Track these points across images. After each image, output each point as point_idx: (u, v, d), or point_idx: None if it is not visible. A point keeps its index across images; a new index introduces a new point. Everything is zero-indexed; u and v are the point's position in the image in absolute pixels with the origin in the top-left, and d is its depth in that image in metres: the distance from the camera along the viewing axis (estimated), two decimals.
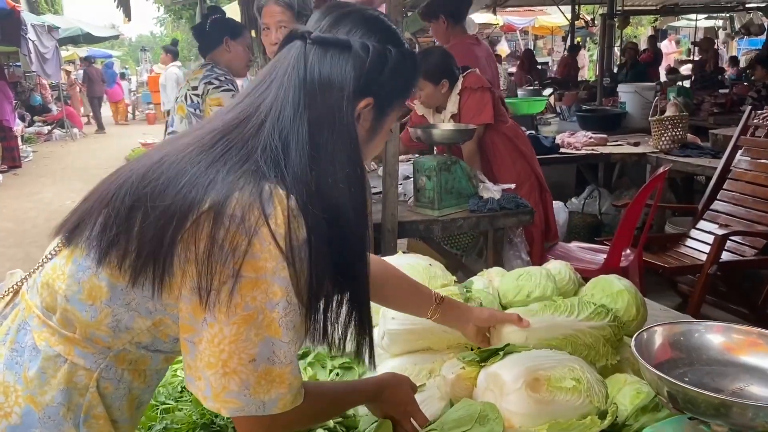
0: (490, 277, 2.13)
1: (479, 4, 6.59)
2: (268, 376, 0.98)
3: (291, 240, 0.96)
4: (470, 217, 3.03)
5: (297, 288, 0.99)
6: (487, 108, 3.28)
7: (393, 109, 1.15)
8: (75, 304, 1.02)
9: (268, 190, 0.97)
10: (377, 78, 1.06)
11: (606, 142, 5.08)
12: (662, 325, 1.24)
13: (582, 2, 13.77)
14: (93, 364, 1.04)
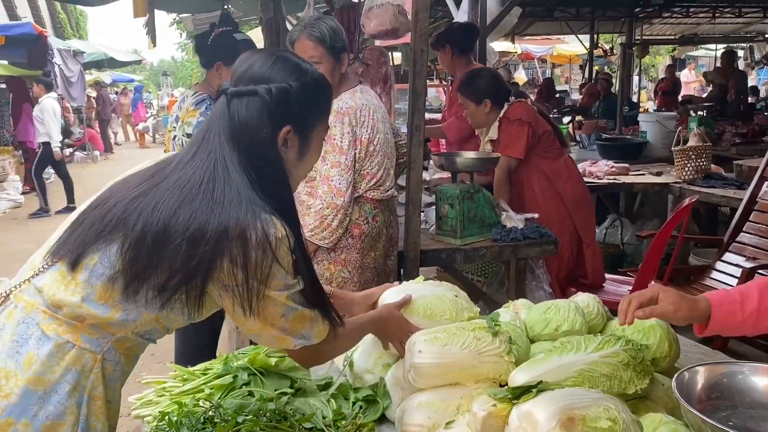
0: (516, 309, 2.09)
1: (499, 33, 6.58)
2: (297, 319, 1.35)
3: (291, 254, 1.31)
4: (493, 247, 3.00)
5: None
6: (519, 142, 3.27)
7: (313, 130, 1.41)
8: (89, 303, 1.24)
9: (267, 218, 1.25)
10: (287, 110, 1.33)
11: (628, 172, 5.04)
12: (704, 366, 1.20)
13: (601, 31, 13.83)
14: (97, 347, 1.26)
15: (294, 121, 1.35)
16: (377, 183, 2.62)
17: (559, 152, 3.48)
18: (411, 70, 2.67)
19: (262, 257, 1.24)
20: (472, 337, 1.63)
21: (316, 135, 1.43)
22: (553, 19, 11.78)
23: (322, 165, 2.54)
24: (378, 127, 2.58)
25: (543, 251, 3.09)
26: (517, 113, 3.32)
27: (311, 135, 1.41)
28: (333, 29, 2.52)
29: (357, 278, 2.64)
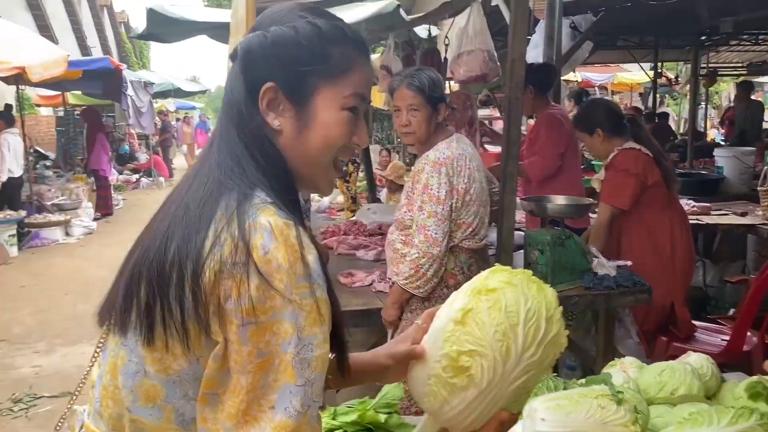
0: (623, 367, 2.04)
1: (570, 67, 6.57)
2: (285, 428, 0.90)
3: (307, 267, 0.92)
4: (585, 294, 2.93)
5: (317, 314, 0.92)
6: (624, 193, 3.20)
7: (315, 87, 1.02)
8: (138, 412, 0.99)
9: (266, 224, 0.91)
10: (267, 63, 1.01)
11: (709, 211, 4.88)
12: None
13: (665, 60, 13.58)
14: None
15: (278, 76, 1.01)
16: (473, 232, 2.61)
17: (666, 203, 3.36)
18: (506, 118, 2.66)
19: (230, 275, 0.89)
20: (596, 405, 1.58)
21: (324, 100, 1.02)
22: (615, 48, 11.63)
23: (419, 214, 2.54)
24: (474, 176, 2.57)
25: (637, 300, 3.00)
26: (625, 162, 3.23)
27: (314, 98, 1.02)
28: (432, 80, 2.54)
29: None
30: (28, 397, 4.18)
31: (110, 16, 30.18)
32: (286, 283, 0.89)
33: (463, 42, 3.19)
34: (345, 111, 1.03)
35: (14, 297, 6.50)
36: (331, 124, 1.02)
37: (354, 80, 1.03)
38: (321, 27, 1.01)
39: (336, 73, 1.02)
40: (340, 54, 1.02)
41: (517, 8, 2.61)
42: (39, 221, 9.18)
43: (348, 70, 1.03)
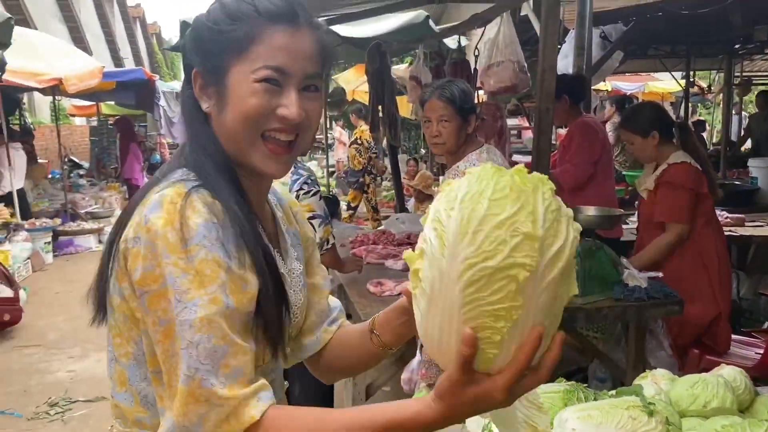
0: (655, 379, 2.03)
1: (600, 77, 6.54)
2: (180, 395, 0.90)
3: (188, 230, 0.92)
4: (616, 306, 2.91)
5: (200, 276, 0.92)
6: (686, 209, 3.17)
7: (226, 69, 1.02)
8: (117, 397, 1.06)
9: (157, 197, 0.95)
10: (190, 53, 1.06)
11: (744, 223, 4.81)
12: None
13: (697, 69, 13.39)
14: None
15: (200, 60, 1.05)
16: None
17: (711, 215, 3.34)
18: (536, 128, 2.67)
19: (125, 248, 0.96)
20: (627, 417, 1.58)
21: (236, 75, 1.02)
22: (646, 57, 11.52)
23: None
24: None
25: (668, 312, 2.97)
26: (680, 177, 3.16)
27: (226, 76, 1.02)
28: (463, 92, 2.56)
29: None
30: (64, 401, 4.27)
31: (142, 27, 30.79)
32: (163, 248, 0.91)
33: (494, 53, 3.21)
34: (258, 83, 1.01)
35: (49, 303, 6.64)
36: (244, 97, 1.01)
37: (262, 51, 1.01)
38: (226, 4, 1.03)
39: (245, 47, 1.01)
40: (246, 28, 1.01)
41: (547, 20, 2.62)
42: (73, 229, 9.37)
43: (255, 43, 1.01)
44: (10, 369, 4.90)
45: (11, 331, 5.68)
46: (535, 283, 0.81)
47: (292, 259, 1.19)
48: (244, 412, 0.91)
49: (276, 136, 1.03)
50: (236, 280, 0.95)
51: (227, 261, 0.94)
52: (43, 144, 13.95)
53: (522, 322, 0.82)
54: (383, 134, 5.40)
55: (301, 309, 1.20)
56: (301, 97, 1.03)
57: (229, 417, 0.90)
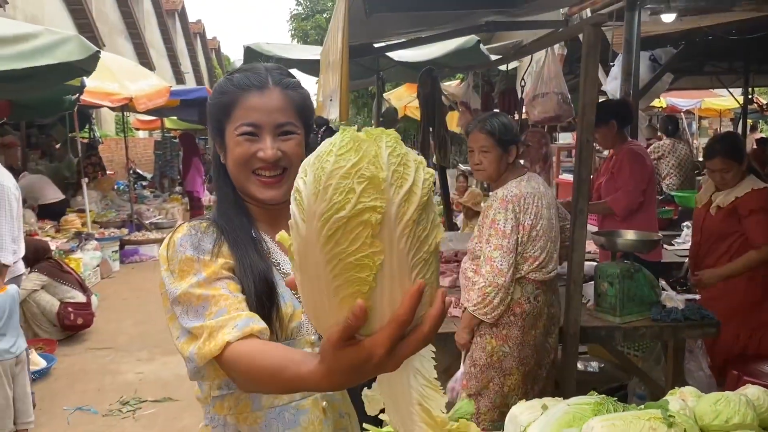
0: (683, 396, 2.17)
1: (650, 99, 6.61)
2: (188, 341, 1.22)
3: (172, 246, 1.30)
4: (653, 326, 3.06)
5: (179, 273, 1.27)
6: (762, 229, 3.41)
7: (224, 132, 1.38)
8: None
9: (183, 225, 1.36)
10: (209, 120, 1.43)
11: None
12: None
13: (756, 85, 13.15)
14: (208, 420, 1.37)
15: (210, 126, 1.43)
16: (540, 265, 2.79)
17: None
18: (577, 158, 2.86)
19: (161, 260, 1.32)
20: (648, 427, 1.75)
21: (229, 135, 1.38)
22: (702, 74, 11.40)
23: (486, 246, 2.76)
24: (542, 213, 2.77)
25: (704, 333, 3.11)
26: (764, 199, 3.43)
27: (225, 136, 1.39)
28: (504, 125, 2.78)
29: (516, 354, 2.80)
30: (134, 400, 4.62)
31: (202, 42, 31.89)
32: (162, 263, 1.30)
33: (539, 85, 3.40)
34: (240, 136, 1.35)
35: (118, 308, 7.08)
36: (233, 148, 1.36)
37: (239, 114, 1.35)
38: (219, 83, 1.40)
39: (229, 112, 1.37)
40: (227, 99, 1.37)
41: (588, 57, 2.81)
42: (138, 239, 9.88)
43: (233, 108, 1.36)
44: (85, 369, 5.29)
45: (84, 334, 6.11)
46: (391, 226, 0.79)
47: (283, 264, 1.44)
48: (219, 336, 1.15)
49: (262, 173, 1.36)
50: (207, 262, 1.28)
51: (196, 254, 1.28)
52: (109, 156, 14.69)
53: (389, 270, 0.79)
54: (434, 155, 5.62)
55: None
56: (276, 141, 1.35)
57: (208, 339, 1.17)
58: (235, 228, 1.35)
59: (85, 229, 8.68)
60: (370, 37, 4.92)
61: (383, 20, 4.02)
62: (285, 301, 1.34)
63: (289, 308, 1.34)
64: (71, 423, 4.32)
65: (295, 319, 1.35)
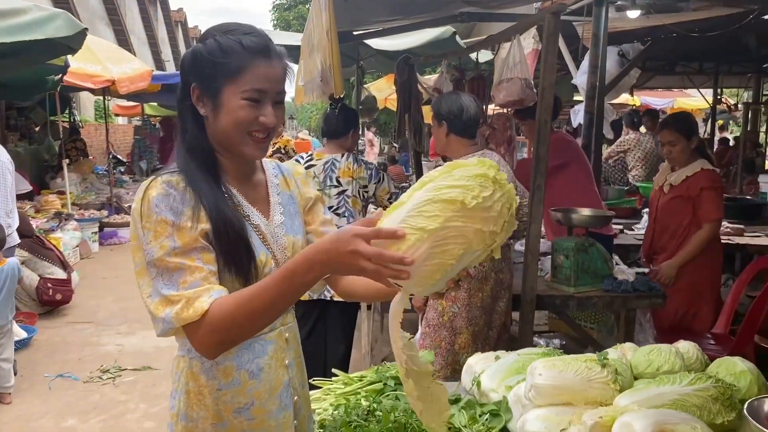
0: (623, 350, 2.42)
1: (618, 92, 6.87)
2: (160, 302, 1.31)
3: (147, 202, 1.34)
4: (604, 296, 3.30)
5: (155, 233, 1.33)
6: (721, 206, 3.75)
7: (221, 85, 1.41)
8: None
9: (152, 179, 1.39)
10: (189, 71, 1.45)
11: (743, 233, 5.13)
12: None
13: (725, 86, 13.55)
14: (185, 351, 1.49)
15: (195, 78, 1.43)
16: None
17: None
18: (536, 138, 3.08)
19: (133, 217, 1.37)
20: (584, 366, 1.99)
21: (228, 94, 1.41)
22: (674, 74, 11.73)
23: None
24: None
25: (651, 303, 3.35)
26: (715, 180, 3.76)
27: (220, 92, 1.41)
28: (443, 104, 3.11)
29: (465, 314, 3.01)
30: (114, 369, 4.78)
31: (183, 31, 31.74)
32: (136, 218, 1.35)
33: (504, 71, 3.62)
34: (245, 100, 1.41)
35: (97, 286, 7.20)
36: (234, 110, 1.41)
37: (249, 78, 1.40)
38: (221, 42, 1.41)
39: (235, 74, 1.40)
40: (236, 60, 1.40)
41: (547, 45, 3.03)
42: (117, 221, 9.98)
43: (243, 71, 1.40)
44: (66, 341, 5.44)
45: (64, 309, 6.24)
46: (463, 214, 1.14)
47: (276, 213, 1.58)
48: (197, 304, 1.29)
49: (257, 135, 1.45)
50: (183, 229, 1.35)
51: (173, 219, 1.34)
52: (88, 141, 14.69)
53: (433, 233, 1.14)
54: (410, 141, 5.83)
55: (289, 249, 1.59)
56: (274, 109, 1.45)
57: (186, 307, 1.29)
58: (210, 186, 1.42)
59: (65, 209, 8.77)
60: (349, 25, 5.10)
61: (362, 7, 4.21)
62: (258, 251, 1.49)
63: (262, 256, 1.49)
64: (52, 388, 4.47)
65: (268, 265, 1.51)
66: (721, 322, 3.76)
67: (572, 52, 6.41)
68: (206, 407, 1.46)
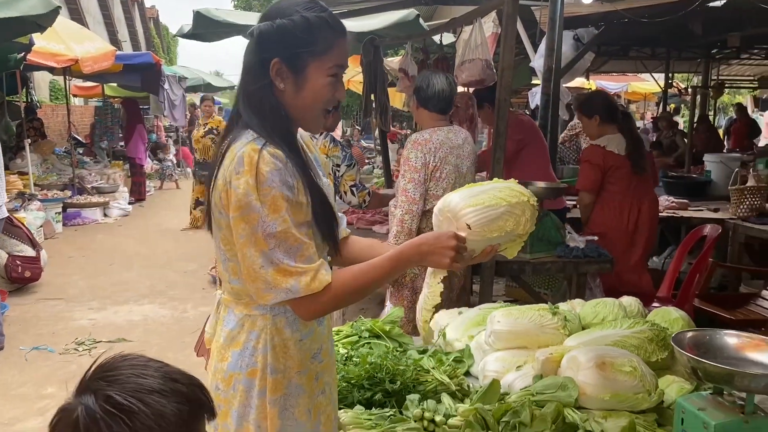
0: (572, 305, 2.69)
1: (573, 75, 7.16)
2: (279, 273, 1.42)
3: (261, 177, 1.40)
4: (557, 262, 3.58)
5: (273, 206, 1.40)
6: (589, 179, 4.05)
7: (307, 62, 1.47)
8: (232, 282, 1.57)
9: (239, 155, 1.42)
10: (272, 45, 1.46)
11: (687, 207, 5.49)
12: (695, 331, 1.77)
13: (676, 71, 14.05)
14: (265, 310, 1.54)
15: (279, 53, 1.45)
16: None
17: (631, 186, 4.06)
18: (496, 115, 3.31)
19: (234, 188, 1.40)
20: (538, 314, 2.24)
21: (313, 69, 1.47)
22: (628, 58, 12.13)
23: (401, 180, 3.23)
24: (449, 160, 3.25)
25: (600, 268, 3.64)
26: (587, 155, 4.06)
27: (305, 68, 1.47)
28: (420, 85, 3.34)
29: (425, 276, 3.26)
30: (89, 341, 4.90)
31: (140, 11, 31.10)
32: (246, 189, 1.40)
33: (466, 52, 3.84)
34: (329, 77, 1.50)
35: (64, 265, 7.25)
36: (319, 87, 1.49)
37: (334, 56, 1.49)
38: (309, 19, 1.45)
39: (322, 51, 1.47)
40: (323, 38, 1.46)
41: (507, 27, 3.26)
42: (81, 202, 9.96)
43: (330, 49, 1.48)
44: (38, 316, 5.52)
45: (33, 286, 6.30)
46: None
47: (321, 177, 1.64)
48: (320, 276, 1.44)
49: (329, 110, 1.57)
50: (294, 204, 1.44)
51: (288, 194, 1.43)
52: (45, 122, 14.45)
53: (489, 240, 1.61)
54: (375, 120, 6.03)
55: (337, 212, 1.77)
56: None
57: (313, 279, 1.43)
58: (301, 159, 1.49)
59: (28, 190, 8.72)
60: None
61: None
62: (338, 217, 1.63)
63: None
64: (29, 360, 4.58)
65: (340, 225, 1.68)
66: (664, 287, 4.09)
67: (531, 36, 6.66)
68: (291, 357, 1.56)
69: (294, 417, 1.57)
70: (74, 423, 0.97)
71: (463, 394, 2.07)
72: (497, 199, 1.59)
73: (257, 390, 1.55)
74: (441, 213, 1.66)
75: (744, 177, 5.62)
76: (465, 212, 1.58)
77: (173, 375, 1.05)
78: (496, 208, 1.58)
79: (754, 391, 1.55)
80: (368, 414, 1.86)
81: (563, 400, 1.82)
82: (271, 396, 1.55)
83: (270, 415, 1.55)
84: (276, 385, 1.55)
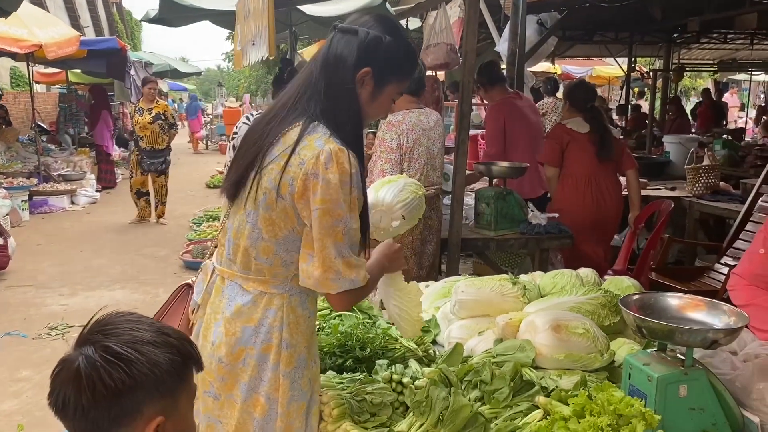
0: (533, 276, 2.83)
1: (537, 59, 7.31)
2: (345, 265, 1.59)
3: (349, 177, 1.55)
4: (520, 238, 3.73)
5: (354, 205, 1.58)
6: (551, 155, 4.29)
7: (389, 82, 1.66)
8: (260, 260, 1.66)
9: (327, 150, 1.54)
10: (373, 55, 1.61)
11: (646, 186, 5.69)
12: (641, 294, 1.92)
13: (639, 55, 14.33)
14: (283, 290, 1.67)
15: (375, 65, 1.60)
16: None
17: (592, 166, 4.24)
18: (460, 96, 3.43)
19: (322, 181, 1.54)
20: (499, 284, 2.38)
21: (390, 89, 1.67)
22: (592, 42, 12.34)
23: (378, 161, 3.32)
24: (421, 141, 3.35)
25: (561, 244, 3.80)
26: (550, 133, 4.36)
27: (385, 86, 1.65)
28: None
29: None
30: (62, 326, 4.93)
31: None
32: (336, 186, 1.54)
33: (431, 36, 3.94)
34: (392, 100, 1.74)
35: (33, 252, 7.21)
36: (385, 105, 1.72)
37: (404, 85, 1.74)
38: (407, 47, 1.69)
39: (402, 78, 1.71)
40: (408, 68, 1.72)
41: (470, 10, 3.37)
42: (48, 190, 9.86)
43: (406, 79, 1.73)
44: (8, 303, 5.52)
45: (1, 274, 6.26)
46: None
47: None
48: (364, 272, 1.63)
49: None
50: (357, 207, 1.61)
51: (359, 196, 1.60)
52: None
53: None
54: None
55: None
56: None
57: (365, 273, 1.63)
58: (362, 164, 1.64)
59: None
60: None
61: None
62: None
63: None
64: (1, 345, 4.60)
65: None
66: (620, 260, 4.28)
67: (496, 21, 6.79)
68: (302, 333, 1.70)
69: (300, 387, 1.70)
70: (75, 371, 1.05)
71: (430, 359, 2.19)
72: (412, 193, 1.97)
73: (271, 364, 1.67)
74: (374, 208, 1.93)
75: (700, 157, 5.85)
76: (398, 207, 1.94)
77: (164, 329, 1.14)
78: (414, 200, 1.97)
79: (693, 345, 1.70)
80: (340, 378, 1.97)
81: (521, 361, 1.95)
82: (285, 369, 1.67)
83: (282, 387, 1.67)
84: (289, 359, 1.67)
